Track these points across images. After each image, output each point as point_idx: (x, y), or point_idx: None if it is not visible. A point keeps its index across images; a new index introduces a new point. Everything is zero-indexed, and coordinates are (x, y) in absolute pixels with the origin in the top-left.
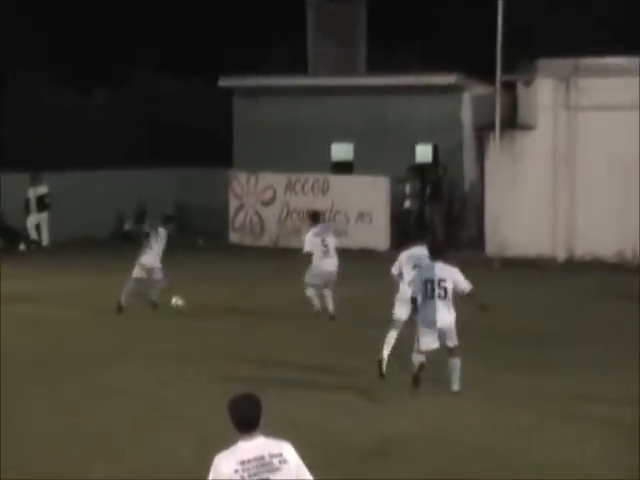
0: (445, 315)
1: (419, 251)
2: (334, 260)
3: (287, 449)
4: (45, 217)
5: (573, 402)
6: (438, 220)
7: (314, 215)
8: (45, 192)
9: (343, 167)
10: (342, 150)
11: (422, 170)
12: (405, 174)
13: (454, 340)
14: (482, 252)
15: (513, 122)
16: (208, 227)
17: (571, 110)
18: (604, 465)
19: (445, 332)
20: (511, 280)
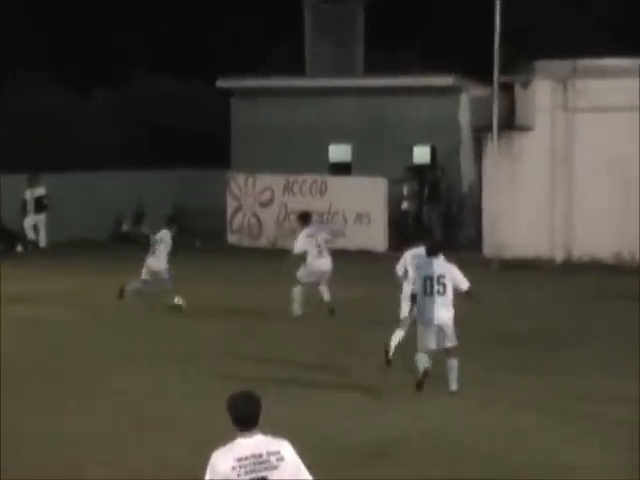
0: (443, 311)
1: (423, 251)
2: (328, 259)
3: (285, 447)
4: (43, 218)
5: (573, 402)
6: (436, 221)
7: (304, 216)
8: (43, 193)
9: (341, 168)
10: (340, 151)
11: (420, 171)
12: (403, 175)
13: (452, 340)
14: (480, 253)
15: (511, 123)
16: (206, 228)
17: (569, 111)
18: (604, 465)
19: (443, 329)
20: (509, 281)
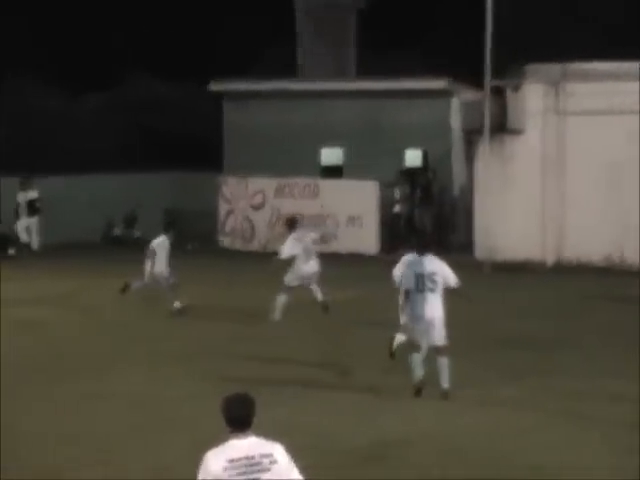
0: (434, 307)
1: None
2: (316, 262)
3: (278, 450)
4: (35, 221)
5: (570, 402)
6: (428, 224)
7: (291, 221)
8: (35, 197)
9: (333, 171)
10: (332, 154)
11: (412, 174)
12: (395, 178)
13: (442, 339)
14: (472, 256)
15: (502, 127)
16: (199, 231)
17: (560, 115)
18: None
19: (434, 325)
20: (501, 283)
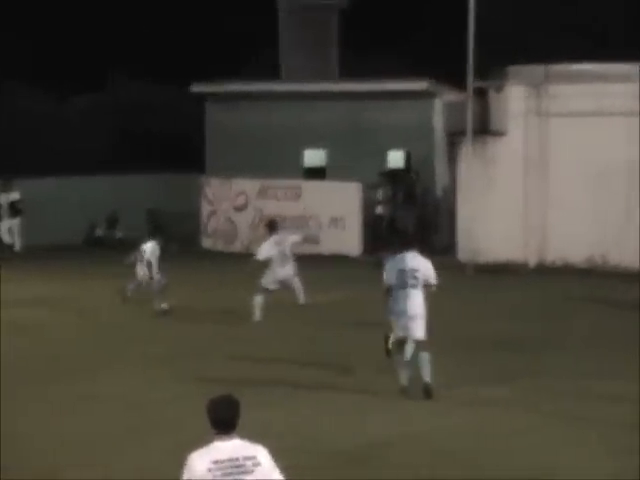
0: (417, 303)
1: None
2: (291, 265)
3: (261, 452)
4: (17, 223)
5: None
6: (411, 225)
7: (271, 224)
8: (17, 198)
9: (316, 173)
10: (315, 156)
11: (394, 176)
12: (378, 180)
13: (422, 334)
14: (454, 257)
15: (485, 128)
16: (181, 232)
17: (542, 116)
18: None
19: (415, 320)
20: (484, 285)
